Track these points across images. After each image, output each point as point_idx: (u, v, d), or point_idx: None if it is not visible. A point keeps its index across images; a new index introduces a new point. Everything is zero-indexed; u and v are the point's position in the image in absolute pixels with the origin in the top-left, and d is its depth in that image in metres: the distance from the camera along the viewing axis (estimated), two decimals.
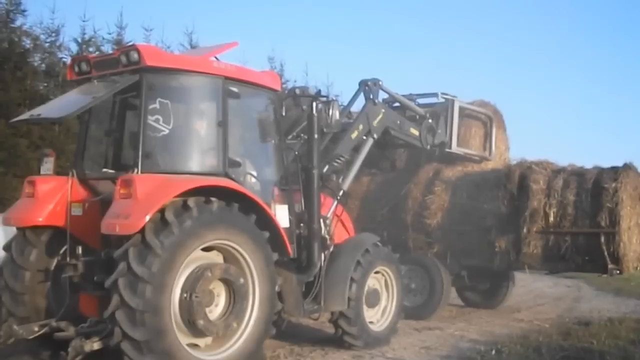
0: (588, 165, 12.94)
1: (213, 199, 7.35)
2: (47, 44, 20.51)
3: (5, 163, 17.33)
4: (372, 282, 9.97)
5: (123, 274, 6.81)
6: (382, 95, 12.11)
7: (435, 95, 13.57)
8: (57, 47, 20.74)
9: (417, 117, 12.94)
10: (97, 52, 20.20)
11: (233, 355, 7.61)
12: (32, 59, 20.00)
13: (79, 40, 20.85)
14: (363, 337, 9.57)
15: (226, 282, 7.64)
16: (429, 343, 10.38)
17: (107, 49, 20.79)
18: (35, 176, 8.37)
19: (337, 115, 9.59)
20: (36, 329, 7.71)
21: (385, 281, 10.25)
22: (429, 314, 12.73)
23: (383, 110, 11.61)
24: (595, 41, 64.75)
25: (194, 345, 7.40)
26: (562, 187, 12.17)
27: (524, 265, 12.56)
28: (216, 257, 7.74)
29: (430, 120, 12.88)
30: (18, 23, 20.16)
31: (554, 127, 59.90)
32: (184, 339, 7.20)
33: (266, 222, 8.09)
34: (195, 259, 7.41)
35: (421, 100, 13.56)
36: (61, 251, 8.01)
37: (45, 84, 20.20)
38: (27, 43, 20.23)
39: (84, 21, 21.07)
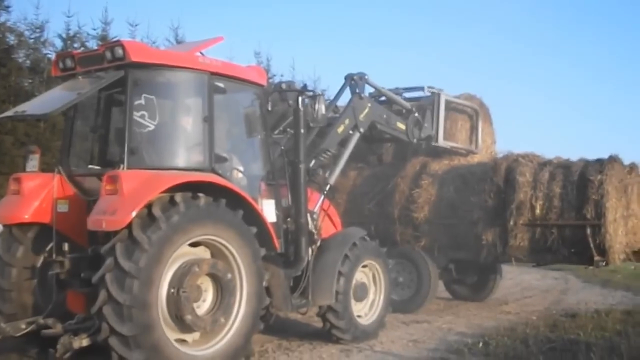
0: (574, 157, 13.00)
1: (200, 194, 7.34)
2: (31, 40, 20.35)
3: None
4: (360, 276, 9.97)
5: (110, 269, 6.80)
6: (369, 90, 12.13)
7: (421, 89, 13.56)
8: (42, 43, 20.59)
9: (404, 111, 12.94)
10: (82, 48, 20.08)
11: (221, 350, 7.61)
12: (16, 55, 19.83)
13: (64, 36, 20.72)
14: (351, 330, 9.58)
15: (214, 277, 7.63)
16: (416, 336, 10.41)
17: (92, 44, 20.67)
18: (20, 173, 8.35)
19: (323, 109, 9.57)
20: (23, 326, 7.68)
21: (373, 275, 10.25)
22: (416, 307, 12.76)
23: (369, 105, 11.56)
24: (581, 33, 64.97)
25: (182, 341, 7.39)
26: (548, 180, 12.21)
27: (510, 258, 12.60)
28: (204, 253, 7.74)
29: (416, 114, 12.89)
30: (2, 19, 19.96)
31: (540, 120, 60.25)
32: (171, 334, 7.21)
33: (253, 217, 8.07)
34: (182, 254, 7.41)
35: (407, 94, 13.58)
36: (47, 248, 7.97)
37: (30, 80, 20.06)
38: (11, 39, 20.07)
39: (68, 17, 20.94)
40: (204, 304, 7.64)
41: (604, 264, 11.88)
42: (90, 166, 8.40)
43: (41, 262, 8.11)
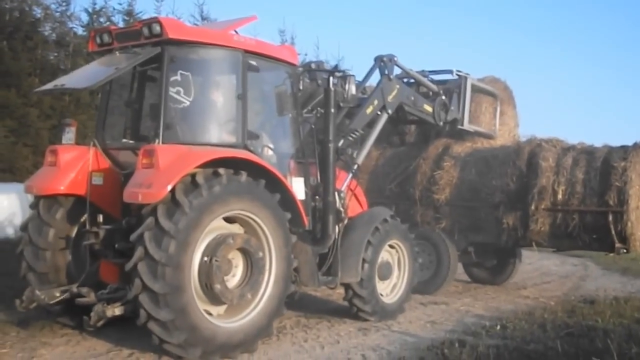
0: (598, 143, 12.93)
1: (222, 170, 7.43)
2: (57, 14, 20.50)
3: (16, 132, 17.40)
4: (386, 255, 10.08)
5: (150, 228, 7.00)
6: (396, 72, 12.10)
7: (449, 72, 13.53)
8: (68, 17, 20.72)
9: (431, 93, 12.97)
10: (107, 23, 20.18)
11: (244, 326, 7.73)
12: (42, 29, 20.00)
13: (90, 10, 20.84)
14: (372, 303, 9.69)
15: (245, 253, 7.80)
16: (434, 317, 10.46)
17: (118, 19, 20.82)
18: (57, 145, 8.55)
19: (353, 90, 9.60)
20: (57, 294, 7.90)
21: (399, 257, 10.35)
22: (435, 289, 12.79)
23: (398, 86, 11.59)
24: (609, 19, 64.13)
25: (207, 313, 7.52)
26: (571, 165, 12.15)
27: (531, 242, 12.59)
28: (238, 230, 7.90)
29: (443, 97, 12.92)
30: None
31: (565, 105, 59.72)
32: (199, 303, 7.34)
33: (283, 194, 8.22)
34: (218, 227, 7.61)
35: (434, 77, 13.55)
36: (82, 219, 8.22)
37: (56, 54, 20.21)
38: (38, 13, 20.23)
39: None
40: (234, 279, 7.79)
41: (624, 251, 11.85)
42: (124, 140, 8.55)
43: (75, 233, 8.32)
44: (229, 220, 7.77)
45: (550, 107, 56.88)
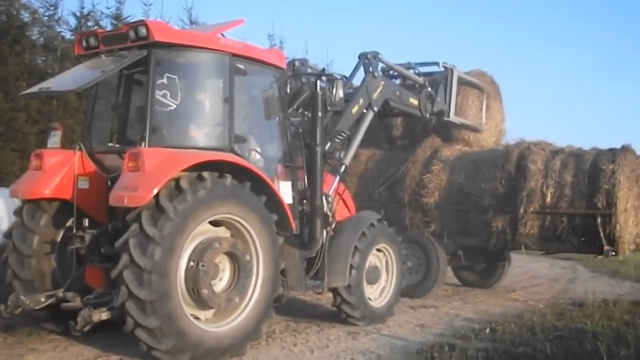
0: (586, 146, 12.96)
1: (206, 174, 7.39)
2: (45, 18, 20.34)
3: (3, 137, 17.28)
4: (374, 259, 10.05)
5: (135, 235, 6.95)
6: (381, 67, 12.14)
7: (436, 64, 13.56)
8: (56, 21, 20.54)
9: (417, 86, 13.01)
10: (95, 27, 20.07)
11: (232, 330, 7.70)
12: (30, 33, 19.84)
13: (78, 14, 20.72)
14: (360, 308, 9.65)
15: (232, 256, 7.78)
16: (423, 321, 10.46)
17: (106, 23, 20.66)
18: (42, 149, 8.50)
19: (341, 93, 9.56)
20: (43, 299, 7.86)
21: (387, 261, 10.32)
22: (424, 293, 12.78)
23: (382, 83, 11.56)
24: (596, 19, 64.44)
25: (195, 318, 7.48)
26: (559, 168, 12.18)
27: (520, 245, 12.61)
28: (224, 233, 7.87)
29: (429, 89, 12.96)
30: None
31: (553, 108, 59.92)
32: (186, 308, 7.31)
33: (271, 198, 8.20)
34: (204, 231, 7.59)
35: (421, 69, 13.61)
36: (67, 224, 8.19)
37: (44, 58, 20.08)
38: (26, 16, 20.07)
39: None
40: (221, 283, 7.77)
41: (613, 254, 11.86)
42: (111, 144, 8.51)
43: (60, 237, 8.27)
44: (215, 223, 7.74)
45: (538, 109, 57.09)
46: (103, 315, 7.23)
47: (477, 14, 62.65)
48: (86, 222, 7.78)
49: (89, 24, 20.56)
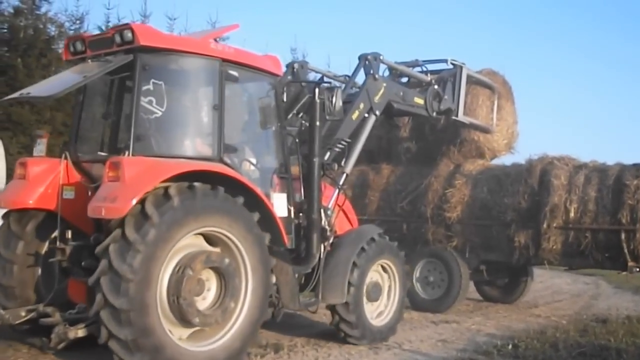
0: (610, 161, 12.88)
1: (197, 184, 7.07)
2: (71, 32, 20.65)
3: (29, 149, 17.38)
4: (375, 275, 9.62)
5: (116, 240, 6.62)
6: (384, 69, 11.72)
7: (444, 61, 13.03)
8: None
9: (424, 84, 12.62)
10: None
11: (213, 352, 7.31)
12: (56, 46, 20.13)
13: (103, 28, 20.99)
14: (360, 327, 9.19)
15: (219, 273, 7.39)
16: (445, 336, 10.40)
17: None
18: (27, 157, 8.21)
19: (340, 102, 8.96)
20: (23, 314, 7.53)
21: (389, 277, 9.85)
22: (446, 307, 12.75)
23: (384, 84, 11.00)
24: (617, 31, 63.88)
25: (174, 334, 7.07)
26: (583, 183, 12.12)
27: (543, 261, 12.56)
28: (205, 242, 7.49)
29: (436, 87, 12.41)
30: (43, 10, 20.41)
31: (577, 122, 59.52)
32: (165, 323, 6.91)
33: (261, 209, 7.83)
34: (192, 245, 7.25)
35: (430, 67, 13.16)
36: (52, 235, 7.79)
37: None
38: (52, 30, 20.43)
39: (108, 9, 21.35)
40: (205, 301, 7.35)
41: (638, 269, 11.76)
42: (99, 153, 8.14)
43: (46, 248, 7.93)
44: (208, 241, 7.44)
45: (563, 125, 56.68)
46: (79, 332, 6.90)
47: (495, 16, 62.29)
48: (69, 234, 7.41)
49: None
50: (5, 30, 19.70)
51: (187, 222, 6.99)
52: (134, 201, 6.67)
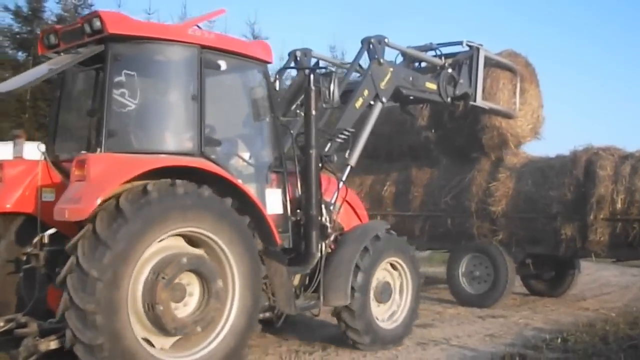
0: None
1: (179, 181, 6.58)
2: None
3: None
4: (383, 274, 9.03)
5: (71, 270, 6.10)
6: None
7: (459, 43, 12.03)
8: None
9: (438, 68, 11.73)
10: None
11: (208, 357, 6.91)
12: None
13: None
14: (369, 334, 8.61)
15: (202, 278, 6.88)
16: (493, 331, 10.36)
17: None
18: (3, 160, 7.66)
19: (337, 90, 8.37)
20: (1, 324, 6.96)
21: (399, 275, 9.25)
22: (492, 302, 12.69)
23: (391, 69, 10.13)
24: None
25: (148, 343, 6.60)
26: (629, 174, 11.93)
27: (590, 253, 12.38)
28: (184, 244, 6.99)
29: (449, 70, 11.56)
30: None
31: (623, 113, 58.55)
32: (137, 329, 6.43)
33: (248, 206, 7.33)
34: (163, 248, 6.70)
35: (445, 50, 12.10)
36: (33, 240, 7.10)
37: None
38: None
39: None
40: (186, 308, 6.83)
41: None
42: (82, 152, 7.35)
43: (26, 255, 7.31)
44: (192, 243, 6.96)
45: (610, 116, 55.80)
46: (51, 344, 6.30)
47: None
48: (45, 239, 6.91)
49: None
50: None
51: (164, 220, 6.48)
52: (99, 201, 6.18)
